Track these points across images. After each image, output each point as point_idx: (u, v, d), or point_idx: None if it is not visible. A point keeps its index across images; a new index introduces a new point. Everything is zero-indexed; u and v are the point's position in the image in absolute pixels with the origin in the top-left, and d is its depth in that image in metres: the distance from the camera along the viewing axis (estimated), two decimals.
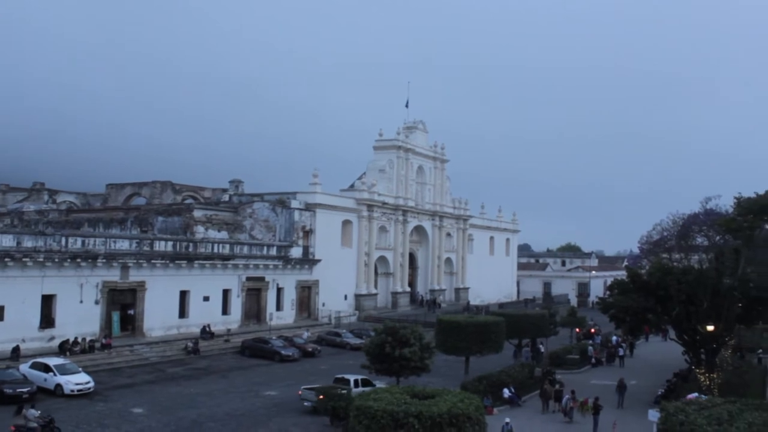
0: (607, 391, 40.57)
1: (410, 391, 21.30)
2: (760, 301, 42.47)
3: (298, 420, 34.23)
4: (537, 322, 53.77)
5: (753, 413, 16.63)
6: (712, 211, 53.13)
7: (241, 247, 62.84)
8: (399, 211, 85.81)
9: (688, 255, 50.96)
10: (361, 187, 79.88)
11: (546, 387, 38.56)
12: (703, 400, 19.26)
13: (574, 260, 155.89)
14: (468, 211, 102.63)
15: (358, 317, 76.02)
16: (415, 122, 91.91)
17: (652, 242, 54.82)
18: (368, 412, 19.41)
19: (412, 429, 18.62)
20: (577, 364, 54.74)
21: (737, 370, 47.71)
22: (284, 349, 54.12)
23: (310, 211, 71.38)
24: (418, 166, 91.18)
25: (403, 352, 34.74)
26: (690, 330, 40.85)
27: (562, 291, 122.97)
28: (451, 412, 19.05)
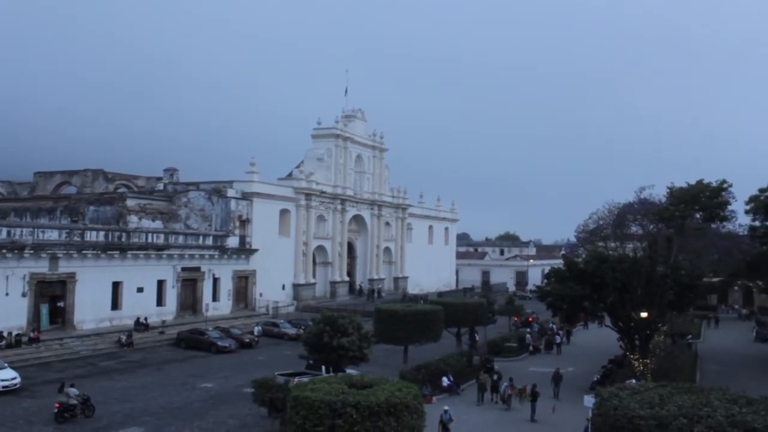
0: (545, 378, 41.23)
1: (348, 381, 21.27)
2: (691, 288, 43.74)
3: (236, 412, 33.89)
4: (475, 311, 54.28)
5: (683, 396, 17.07)
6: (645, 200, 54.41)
7: (176, 237, 61.85)
8: (337, 200, 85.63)
9: (623, 243, 52.13)
10: (299, 176, 79.43)
11: (481, 378, 38.76)
12: (636, 385, 19.67)
13: (512, 249, 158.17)
14: (407, 200, 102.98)
15: (297, 307, 75.70)
16: (354, 111, 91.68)
17: (588, 231, 55.84)
18: (305, 402, 19.30)
19: (350, 419, 18.59)
20: (515, 351, 55.53)
21: (670, 355, 49.10)
22: (221, 340, 53.50)
23: (247, 200, 70.65)
24: (356, 155, 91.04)
25: (341, 341, 34.68)
26: (625, 317, 41.78)
27: (500, 279, 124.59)
28: (389, 401, 19.07)
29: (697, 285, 45.19)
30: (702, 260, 51.65)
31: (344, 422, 18.61)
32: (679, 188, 57.40)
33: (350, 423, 18.59)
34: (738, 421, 14.76)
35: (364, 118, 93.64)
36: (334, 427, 18.73)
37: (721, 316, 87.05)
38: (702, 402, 16.36)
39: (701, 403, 16.28)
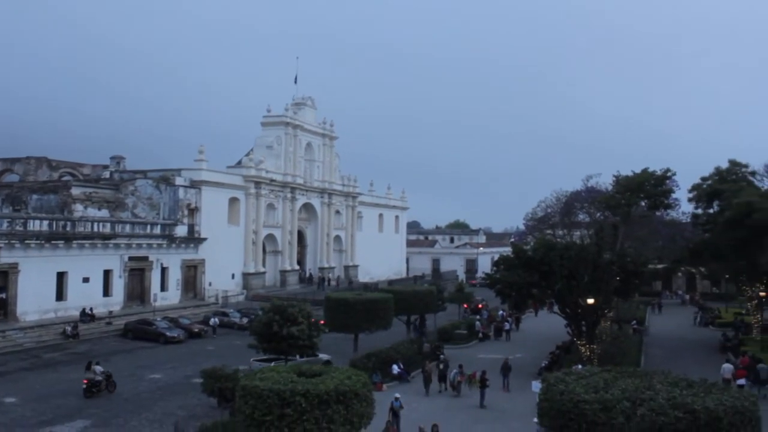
0: (494, 365, 41.67)
1: (297, 370, 21.22)
2: (636, 275, 44.60)
3: (185, 402, 33.61)
4: (425, 299, 54.56)
5: (627, 380, 17.42)
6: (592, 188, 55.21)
7: (123, 226, 60.84)
8: (287, 189, 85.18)
9: (570, 231, 52.82)
10: (248, 164, 78.80)
11: (427, 368, 38.74)
12: (582, 370, 20.01)
13: (462, 237, 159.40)
14: (357, 189, 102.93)
15: (246, 296, 75.24)
16: (304, 98, 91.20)
17: (536, 219, 56.43)
18: (254, 392, 19.20)
19: (299, 407, 18.56)
20: (464, 339, 55.99)
21: (615, 340, 50.03)
22: (169, 330, 52.88)
23: (195, 189, 69.85)
24: (306, 143, 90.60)
25: (290, 330, 34.54)
26: (572, 303, 42.41)
27: (450, 267, 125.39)
28: (338, 389, 19.08)
29: (642, 272, 46.08)
30: (647, 247, 52.60)
31: (293, 411, 18.58)
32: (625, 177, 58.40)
33: (299, 412, 18.57)
34: (679, 403, 15.13)
35: (314, 106, 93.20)
36: (283, 416, 18.69)
37: (664, 301, 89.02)
38: (645, 385, 16.72)
39: (644, 386, 16.63)
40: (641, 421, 14.78)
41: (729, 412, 15.01)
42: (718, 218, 55.54)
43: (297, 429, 18.62)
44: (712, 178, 60.27)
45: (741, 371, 38.79)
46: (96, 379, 34.87)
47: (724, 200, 55.66)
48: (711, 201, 58.90)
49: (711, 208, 59.24)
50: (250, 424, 19.44)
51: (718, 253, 56.95)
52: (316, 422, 18.70)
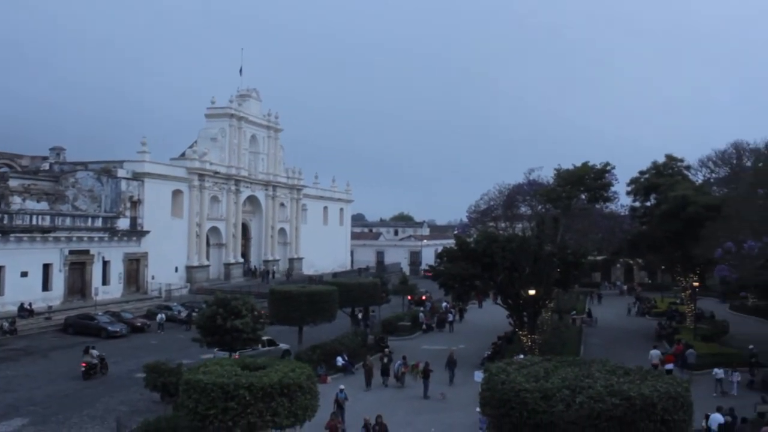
0: (438, 356, 42.00)
1: (241, 363, 21.06)
2: (576, 266, 45.36)
3: (127, 398, 33.09)
4: (369, 291, 54.65)
5: (567, 369, 17.68)
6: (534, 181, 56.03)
7: (63, 219, 59.44)
8: (231, 181, 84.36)
9: (512, 223, 53.51)
10: (192, 156, 77.77)
11: (368, 362, 38.60)
12: (523, 360, 20.27)
13: (406, 229, 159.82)
14: (302, 181, 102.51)
15: (190, 289, 74.40)
16: (249, 90, 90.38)
17: (479, 212, 57.01)
18: (198, 385, 18.98)
19: (243, 401, 18.42)
20: (408, 330, 56.32)
21: (556, 330, 50.92)
22: (111, 324, 51.94)
23: (138, 181, 68.68)
24: (251, 135, 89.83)
25: (234, 323, 34.26)
26: (513, 294, 42.96)
27: (395, 260, 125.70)
28: (282, 382, 18.99)
29: (582, 263, 46.88)
30: (587, 239, 53.56)
31: (237, 404, 18.43)
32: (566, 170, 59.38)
33: (243, 405, 18.43)
34: (616, 390, 15.43)
35: (259, 98, 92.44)
36: (226, 409, 18.52)
37: (603, 292, 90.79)
38: (584, 374, 17.00)
39: (583, 374, 16.92)
40: (580, 408, 15.04)
41: (663, 398, 15.38)
42: (654, 211, 56.89)
43: (241, 422, 18.50)
44: (649, 172, 61.67)
45: (669, 357, 40.64)
46: (93, 362, 37.63)
47: (660, 194, 57.05)
48: (648, 194, 60.28)
49: (648, 202, 60.62)
50: (194, 418, 19.24)
51: (655, 245, 58.39)
52: (260, 415, 18.59)
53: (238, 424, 18.58)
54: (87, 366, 37.33)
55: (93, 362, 37.77)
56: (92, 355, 38.16)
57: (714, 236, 38.74)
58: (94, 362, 37.81)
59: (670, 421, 15.43)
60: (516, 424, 15.84)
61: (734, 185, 52.92)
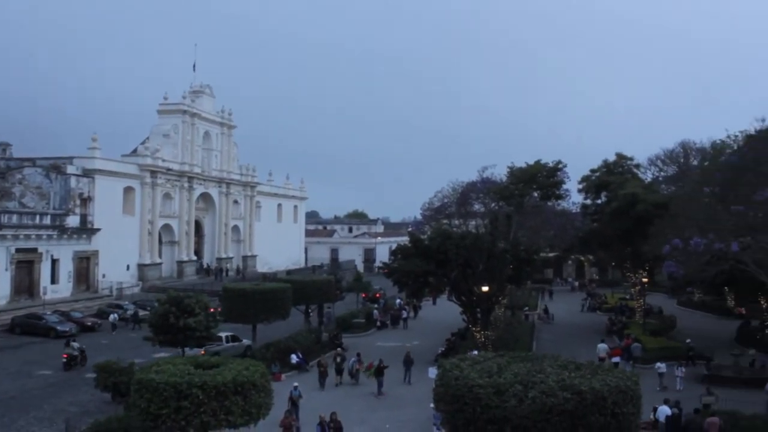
0: (392, 353, 42.08)
1: (194, 362, 20.85)
2: (528, 263, 45.89)
3: (76, 399, 32.47)
4: (323, 288, 54.55)
5: (519, 364, 17.85)
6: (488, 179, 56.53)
7: (9, 217, 58.00)
8: (184, 178, 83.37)
9: (466, 221, 53.87)
10: (144, 153, 76.65)
11: (323, 361, 38.28)
12: (476, 356, 20.42)
13: (360, 227, 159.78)
14: (256, 178, 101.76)
15: (142, 288, 73.36)
16: (202, 86, 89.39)
17: (433, 209, 57.30)
18: (150, 385, 18.73)
19: (196, 400, 18.25)
20: (363, 327, 56.36)
21: (509, 326, 51.39)
22: (60, 324, 50.89)
23: (88, 178, 67.42)
24: (204, 132, 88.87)
25: (187, 322, 33.90)
26: (467, 291, 43.26)
27: (349, 257, 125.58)
28: (236, 380, 18.86)
29: (535, 260, 47.44)
30: (539, 236, 54.24)
31: (190, 403, 18.24)
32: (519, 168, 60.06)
33: (196, 404, 18.25)
34: (567, 384, 15.65)
35: (212, 94, 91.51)
36: (179, 408, 18.32)
37: (555, 288, 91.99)
38: (536, 369, 17.20)
39: (536, 370, 17.12)
40: (532, 403, 15.22)
41: (613, 392, 15.66)
42: (605, 209, 57.80)
43: (194, 422, 18.32)
44: (600, 171, 62.65)
45: (616, 350, 41.93)
46: (74, 353, 39.53)
47: (611, 191, 57.99)
48: (599, 192, 61.22)
49: (599, 199, 61.57)
50: (146, 418, 19.00)
51: (605, 242, 59.35)
52: (214, 414, 18.45)
53: (191, 423, 18.40)
54: (68, 357, 39.12)
55: (74, 354, 39.51)
56: (73, 348, 40.02)
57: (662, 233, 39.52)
58: (75, 354, 39.55)
59: (619, 414, 15.73)
60: (469, 419, 15.96)
61: (681, 184, 54.08)
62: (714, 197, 37.97)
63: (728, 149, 51.48)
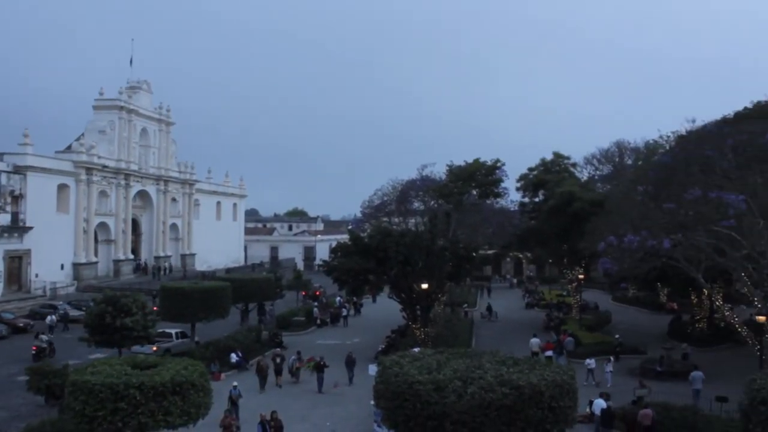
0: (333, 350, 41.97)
1: (131, 362, 20.48)
2: (467, 260, 46.34)
3: (7, 403, 31.47)
4: (263, 286, 54.16)
5: (458, 360, 18.04)
6: (427, 177, 56.89)
7: None
8: (121, 175, 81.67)
9: (406, 218, 54.17)
10: (79, 149, 74.76)
11: (262, 362, 37.57)
12: (416, 352, 20.54)
13: (300, 225, 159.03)
14: (194, 176, 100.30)
15: (77, 287, 71.62)
16: (139, 82, 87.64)
17: (373, 207, 57.46)
18: (85, 387, 18.30)
19: (134, 400, 17.92)
20: (303, 325, 56.10)
21: (448, 323, 51.79)
22: None
23: (20, 175, 65.45)
24: (141, 129, 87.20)
25: (124, 321, 33.25)
26: (407, 288, 43.46)
27: (289, 255, 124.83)
28: (174, 380, 18.59)
29: (473, 257, 47.91)
30: (478, 234, 54.82)
31: (127, 405, 17.90)
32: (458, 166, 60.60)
33: (134, 405, 17.93)
34: (505, 380, 15.89)
35: (150, 90, 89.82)
36: (116, 410, 17.96)
37: (494, 285, 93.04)
38: (475, 365, 17.40)
39: (474, 366, 17.32)
40: (471, 398, 15.40)
41: (550, 386, 15.97)
42: (542, 207, 58.75)
43: (131, 423, 17.99)
44: (537, 169, 63.64)
45: (548, 344, 42.96)
46: (42, 345, 41.18)
47: (548, 190, 58.97)
48: (537, 190, 62.20)
49: (537, 197, 62.55)
50: (81, 420, 18.55)
51: (543, 239, 60.32)
52: (152, 415, 18.15)
53: (128, 424, 18.07)
54: (37, 349, 40.66)
55: (42, 346, 41.08)
56: (41, 340, 42.04)
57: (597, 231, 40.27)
58: (43, 346, 41.13)
59: (557, 408, 16.05)
60: (409, 415, 16.07)
61: (616, 182, 55.27)
62: (647, 196, 38.90)
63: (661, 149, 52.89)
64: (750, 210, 30.79)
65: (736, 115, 44.02)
